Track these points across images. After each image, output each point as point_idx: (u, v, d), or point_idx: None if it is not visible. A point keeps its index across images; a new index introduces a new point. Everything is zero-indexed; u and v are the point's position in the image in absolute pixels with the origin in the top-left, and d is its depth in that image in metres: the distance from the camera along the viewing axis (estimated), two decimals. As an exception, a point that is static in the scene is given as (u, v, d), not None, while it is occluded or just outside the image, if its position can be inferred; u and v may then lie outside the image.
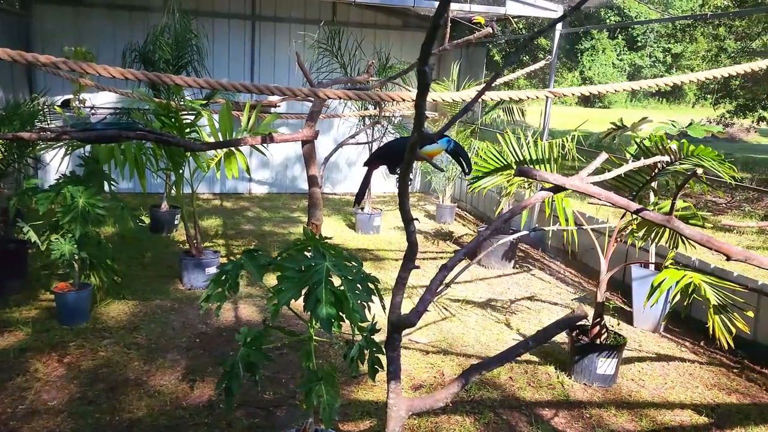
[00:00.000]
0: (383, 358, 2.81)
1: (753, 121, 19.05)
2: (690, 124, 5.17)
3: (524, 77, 25.30)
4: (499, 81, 7.31)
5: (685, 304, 3.83)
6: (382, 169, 3.33)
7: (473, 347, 4.93)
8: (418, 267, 2.67)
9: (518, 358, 4.70)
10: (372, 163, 3.12)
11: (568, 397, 4.21)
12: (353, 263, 2.77)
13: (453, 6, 8.14)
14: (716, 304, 3.74)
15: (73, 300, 4.88)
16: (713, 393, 4.38)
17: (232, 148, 5.77)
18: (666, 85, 4.17)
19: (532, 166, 4.52)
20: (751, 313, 4.08)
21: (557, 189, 2.82)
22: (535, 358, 4.78)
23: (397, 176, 2.35)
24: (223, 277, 2.72)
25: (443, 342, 5.00)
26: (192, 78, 3.30)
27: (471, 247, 2.73)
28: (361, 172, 3.34)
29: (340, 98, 3.27)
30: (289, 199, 10.33)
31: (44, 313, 5.04)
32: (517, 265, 7.26)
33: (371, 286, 2.73)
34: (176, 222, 7.85)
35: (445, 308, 5.76)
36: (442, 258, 7.30)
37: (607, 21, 31.46)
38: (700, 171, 2.51)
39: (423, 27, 10.53)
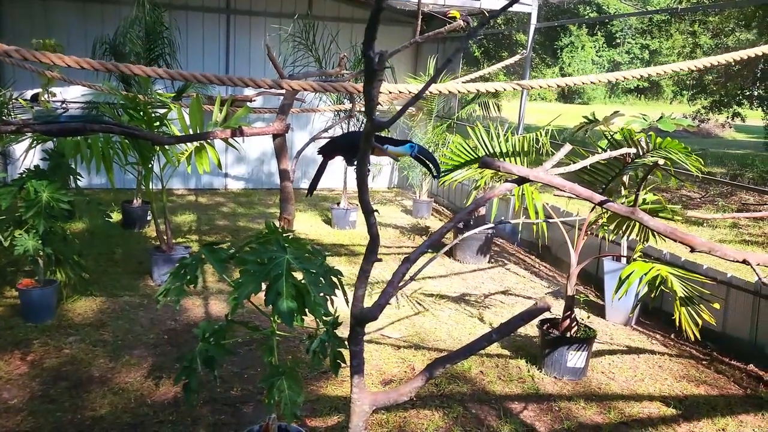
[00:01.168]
0: (347, 353, 2.78)
1: (728, 117, 19.32)
2: (660, 117, 5.19)
3: (503, 73, 25.37)
4: (476, 75, 7.31)
5: (652, 296, 3.84)
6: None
7: (445, 342, 4.92)
8: (380, 260, 2.64)
9: (490, 352, 4.70)
10: (327, 153, 3.07)
11: (538, 391, 4.21)
12: (317, 256, 2.74)
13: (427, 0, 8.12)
14: (683, 296, 3.76)
15: (37, 297, 4.78)
16: (682, 385, 4.41)
17: (203, 142, 5.69)
18: (635, 77, 4.18)
19: (501, 159, 4.51)
20: (718, 305, 4.11)
21: (521, 180, 2.80)
22: (506, 352, 4.78)
23: (354, 167, 2.30)
24: (182, 271, 2.67)
25: (415, 337, 4.98)
26: (152, 68, 3.23)
27: (434, 239, 2.71)
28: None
29: (305, 89, 3.22)
30: (265, 194, 10.25)
31: (8, 310, 4.93)
32: (492, 260, 7.27)
33: (334, 279, 2.70)
34: (149, 218, 7.73)
35: (418, 303, 5.74)
36: (417, 253, 7.26)
37: (585, 16, 31.64)
38: (661, 161, 2.51)
39: (400, 21, 10.49)
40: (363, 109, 8.10)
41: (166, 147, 5.44)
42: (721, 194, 12.05)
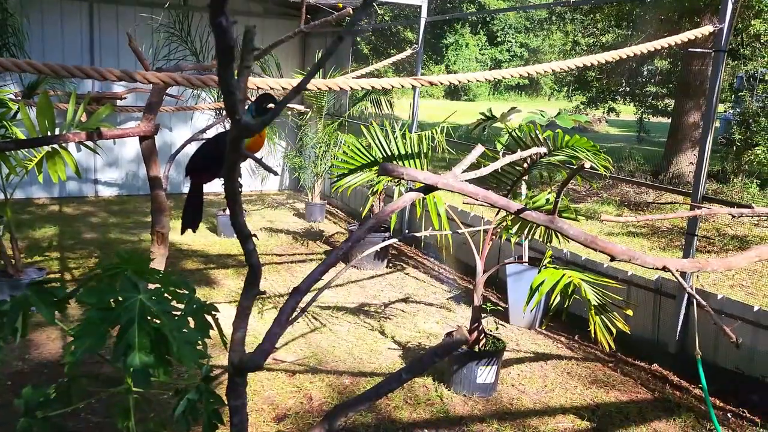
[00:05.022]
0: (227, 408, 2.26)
1: (603, 112, 20.30)
2: (558, 113, 5.04)
3: (392, 70, 25.30)
4: (365, 70, 6.92)
5: (565, 306, 3.60)
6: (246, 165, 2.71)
7: (345, 362, 4.47)
8: (263, 293, 2.14)
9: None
10: (198, 173, 2.49)
11: (448, 414, 3.86)
12: (183, 290, 2.19)
13: (314, -11, 7.61)
14: (596, 304, 3.54)
15: None
16: (592, 392, 4.24)
17: (56, 147, 4.88)
18: (528, 74, 3.94)
19: (399, 162, 4.12)
20: (630, 312, 3.95)
21: (428, 189, 2.40)
22: (411, 370, 4.40)
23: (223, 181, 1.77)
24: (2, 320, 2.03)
25: (312, 358, 4.49)
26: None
27: (329, 263, 2.24)
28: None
29: (163, 82, 2.65)
30: (141, 201, 9.30)
31: None
32: (390, 264, 6.91)
33: (209, 317, 2.17)
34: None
35: (314, 317, 5.26)
36: (311, 260, 6.78)
37: (468, 14, 32.38)
38: (588, 164, 2.20)
39: (285, 14, 9.91)
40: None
41: (6, 153, 4.59)
42: (603, 187, 12.48)
